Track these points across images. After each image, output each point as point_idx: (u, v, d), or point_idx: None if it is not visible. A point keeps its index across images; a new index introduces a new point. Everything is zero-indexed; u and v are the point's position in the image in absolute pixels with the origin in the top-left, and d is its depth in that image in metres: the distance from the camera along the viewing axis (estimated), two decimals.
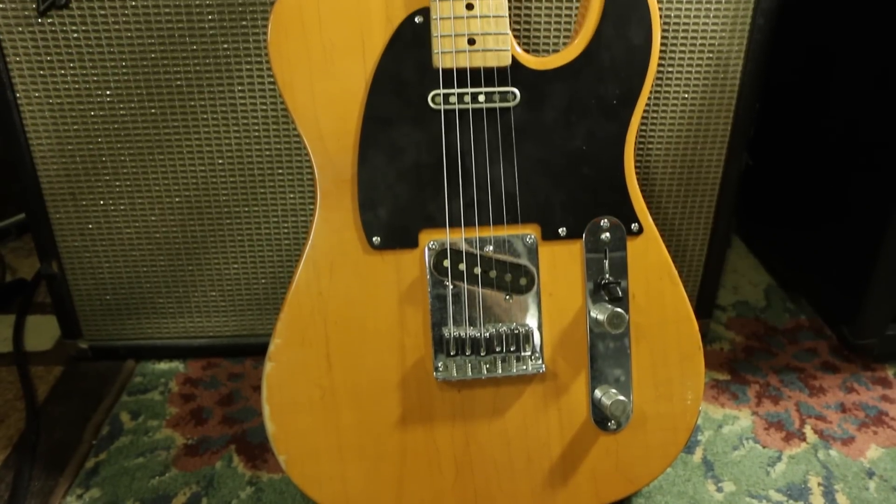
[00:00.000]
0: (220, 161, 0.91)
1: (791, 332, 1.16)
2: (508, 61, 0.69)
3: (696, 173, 0.96)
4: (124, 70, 0.86)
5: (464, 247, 0.72)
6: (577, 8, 0.85)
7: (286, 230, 0.95)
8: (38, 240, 0.96)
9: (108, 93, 0.87)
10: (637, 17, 0.71)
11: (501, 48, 0.69)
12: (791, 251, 1.23)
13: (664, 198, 0.97)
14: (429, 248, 0.72)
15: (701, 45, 0.88)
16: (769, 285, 1.27)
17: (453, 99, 0.69)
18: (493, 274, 0.73)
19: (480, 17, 0.68)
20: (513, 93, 0.70)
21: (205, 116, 0.88)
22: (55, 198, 0.93)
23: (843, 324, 1.09)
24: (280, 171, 0.92)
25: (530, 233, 0.73)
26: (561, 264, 0.74)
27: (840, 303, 1.10)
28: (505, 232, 0.72)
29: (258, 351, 1.02)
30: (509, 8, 0.81)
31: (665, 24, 0.87)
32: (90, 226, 0.94)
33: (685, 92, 0.91)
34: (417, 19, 0.69)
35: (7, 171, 0.91)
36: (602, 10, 0.71)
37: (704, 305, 1.07)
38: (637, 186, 0.74)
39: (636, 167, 0.93)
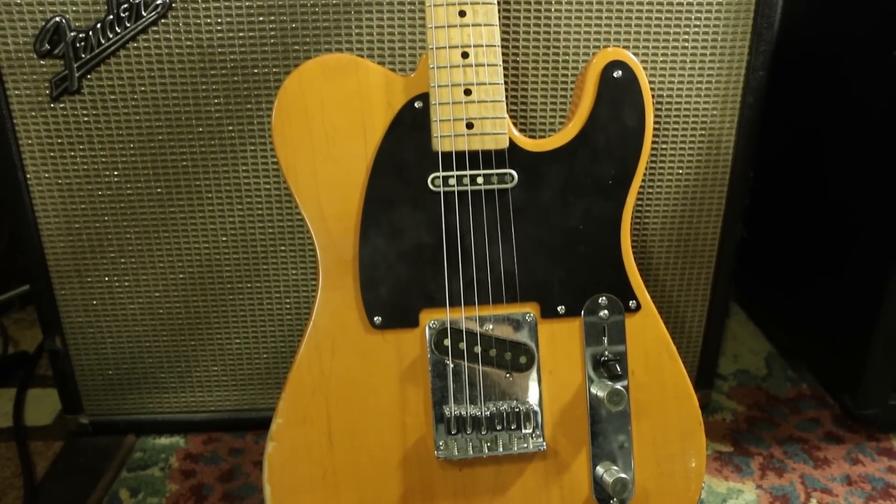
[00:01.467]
0: (224, 238, 0.93)
1: (793, 401, 1.15)
2: (506, 144, 0.71)
3: (692, 246, 0.97)
4: (132, 151, 0.88)
5: (464, 326, 0.73)
6: (571, 90, 0.88)
7: (288, 305, 0.96)
8: (43, 315, 0.97)
9: (115, 173, 0.89)
10: (630, 100, 0.74)
11: (499, 132, 0.71)
12: (790, 319, 1.24)
13: (662, 270, 0.98)
14: (429, 328, 0.72)
15: (693, 122, 0.91)
16: (770, 353, 1.27)
17: (452, 181, 0.71)
18: (493, 352, 0.73)
19: (478, 102, 0.71)
20: (510, 174, 0.72)
21: (209, 195, 0.90)
22: (61, 274, 0.94)
23: (846, 393, 1.09)
24: (283, 247, 0.93)
25: (529, 311, 0.74)
26: (560, 342, 0.74)
27: (841, 372, 1.10)
28: (504, 310, 0.73)
29: (259, 425, 1.02)
30: (506, 92, 0.84)
31: (658, 103, 0.89)
32: (94, 302, 0.95)
33: (679, 168, 0.93)
34: (417, 104, 0.71)
35: (13, 244, 0.93)
36: (596, 94, 0.73)
37: (705, 376, 1.07)
38: (634, 264, 0.75)
39: (633, 241, 0.94)
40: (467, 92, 0.70)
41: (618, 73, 0.73)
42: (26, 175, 0.89)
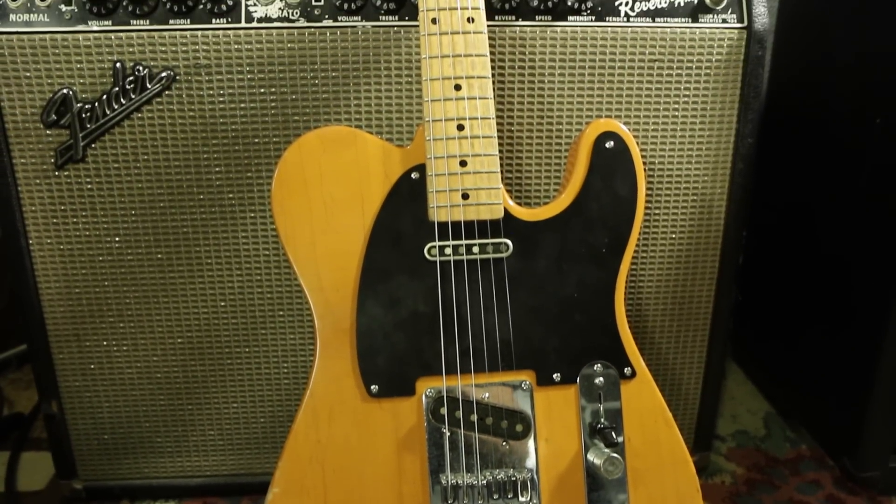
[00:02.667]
0: (223, 303, 0.93)
1: (793, 462, 1.15)
2: (501, 214, 0.73)
3: (687, 309, 0.98)
4: (134, 218, 0.90)
5: (460, 394, 0.73)
6: (565, 158, 0.90)
7: (286, 370, 0.97)
8: (40, 379, 0.97)
9: (117, 239, 0.91)
10: (623, 169, 0.75)
11: (494, 202, 0.73)
12: (787, 378, 1.24)
13: (657, 333, 0.99)
14: (426, 396, 0.73)
15: (685, 188, 0.92)
16: (768, 413, 1.27)
17: (448, 251, 0.72)
18: (489, 421, 0.73)
19: (474, 173, 0.72)
20: (505, 244, 0.73)
21: (209, 261, 0.92)
22: (59, 339, 0.94)
23: (845, 455, 1.08)
24: (281, 312, 0.94)
25: (525, 379, 0.74)
26: (556, 409, 0.75)
27: (839, 433, 1.09)
28: (501, 378, 0.74)
29: (256, 490, 1.02)
30: (501, 161, 0.86)
31: (650, 170, 0.91)
32: (92, 366, 0.96)
33: (672, 232, 0.94)
34: (414, 175, 0.73)
35: (11, 303, 0.93)
36: (589, 164, 0.75)
37: (703, 438, 1.06)
38: (628, 331, 0.76)
39: (628, 305, 0.96)
40: (463, 163, 0.72)
41: (610, 144, 0.75)
42: (28, 241, 0.90)
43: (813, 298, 1.14)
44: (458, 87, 0.72)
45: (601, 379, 0.75)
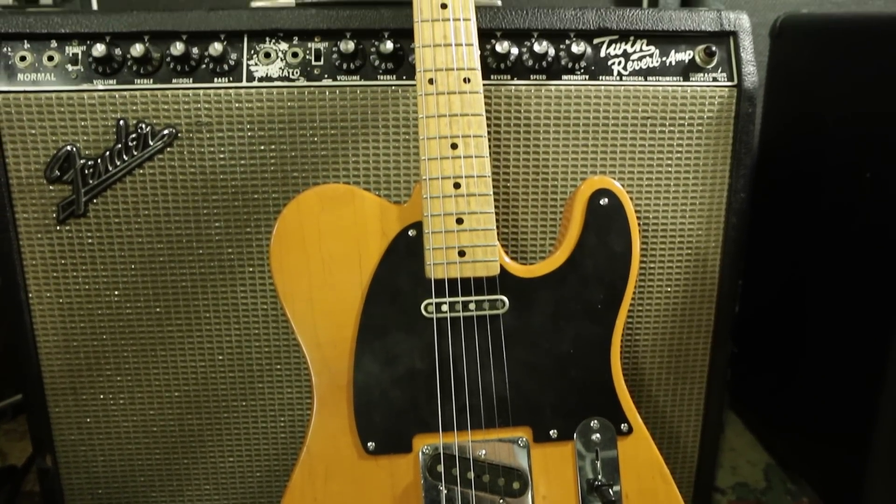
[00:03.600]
0: (220, 357, 0.93)
1: None
2: (497, 271, 0.74)
3: (683, 362, 0.98)
4: (133, 272, 0.90)
5: (457, 451, 0.73)
6: (561, 213, 0.91)
7: (283, 424, 0.96)
8: (35, 433, 0.96)
9: (116, 293, 0.91)
10: (617, 226, 0.76)
11: (490, 259, 0.73)
12: (787, 429, 1.23)
13: (654, 386, 0.99)
14: (423, 453, 0.73)
15: (680, 242, 0.93)
16: (768, 464, 1.26)
17: (445, 308, 0.73)
18: (486, 478, 0.73)
19: (470, 230, 0.73)
20: (502, 301, 0.74)
21: (207, 315, 0.92)
22: (56, 392, 0.94)
23: None
24: (278, 366, 0.94)
25: (522, 436, 0.74)
26: (553, 466, 0.75)
27: (840, 486, 1.09)
28: (497, 435, 0.74)
29: None
30: (497, 217, 0.87)
31: (645, 225, 0.92)
32: (88, 419, 0.95)
33: (668, 286, 0.95)
34: (411, 233, 0.74)
35: (7, 354, 0.94)
36: (584, 221, 0.76)
37: (702, 492, 1.06)
38: (625, 387, 0.76)
39: (625, 359, 0.96)
40: (459, 221, 0.73)
41: (604, 201, 0.76)
42: (28, 295, 0.91)
43: (810, 348, 1.14)
44: (454, 146, 0.73)
45: (598, 435, 0.75)
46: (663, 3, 1.25)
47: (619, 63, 0.89)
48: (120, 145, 0.87)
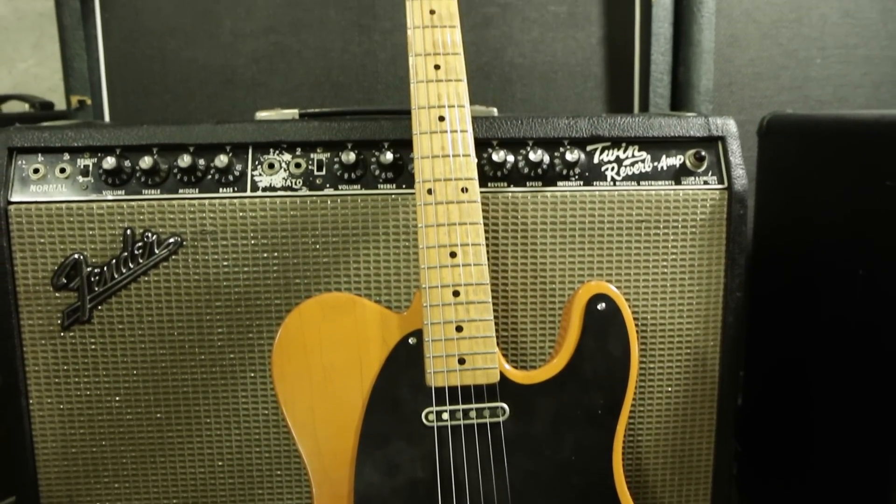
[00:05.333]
0: (220, 463, 0.93)
1: None
2: (497, 378, 0.74)
3: (687, 462, 0.97)
4: (135, 377, 0.91)
5: None
6: (559, 315, 0.92)
7: None
8: None
9: (117, 398, 0.91)
10: (615, 331, 0.78)
11: (490, 366, 0.74)
12: None
13: (658, 488, 0.97)
14: None
15: (678, 343, 0.94)
16: None
17: (446, 416, 0.73)
18: None
19: (469, 338, 0.74)
20: (502, 408, 0.74)
21: (208, 420, 0.92)
22: (51, 499, 0.93)
23: None
24: (279, 472, 0.93)
25: None
26: None
27: None
28: None
29: None
30: (496, 322, 0.88)
31: (643, 327, 0.93)
32: None
33: (668, 386, 0.95)
34: (411, 341, 0.75)
35: (4, 457, 0.93)
36: (582, 326, 0.77)
37: None
38: (627, 492, 0.75)
39: (628, 460, 0.95)
40: (459, 329, 0.74)
41: (601, 306, 0.78)
42: (29, 401, 0.91)
43: (815, 446, 1.13)
44: (453, 255, 0.75)
45: None
46: (654, 104, 1.30)
47: (613, 169, 0.92)
48: (126, 253, 0.89)
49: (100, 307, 0.90)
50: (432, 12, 0.80)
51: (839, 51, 1.35)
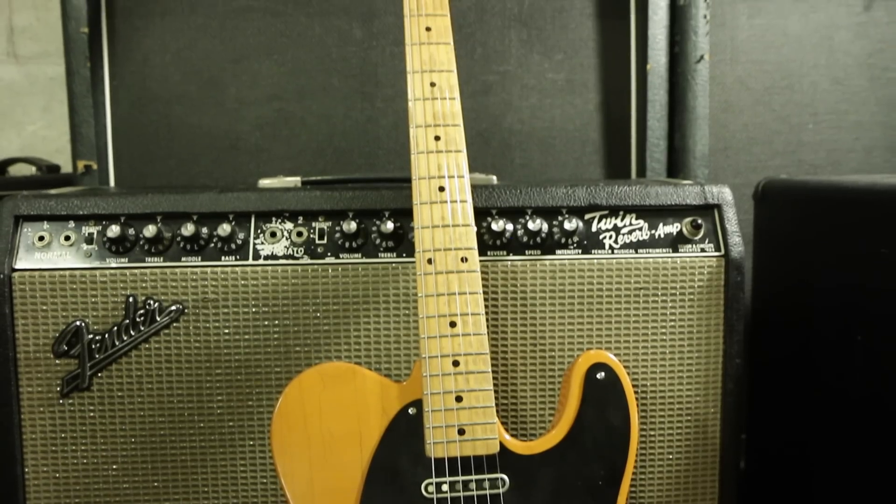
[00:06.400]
0: None
1: None
2: (497, 449, 0.74)
3: None
4: (133, 445, 0.90)
5: None
6: (559, 383, 0.92)
7: None
8: None
9: (114, 467, 0.91)
10: (614, 400, 0.78)
11: (490, 437, 0.74)
12: None
13: None
14: None
15: (679, 410, 0.94)
16: None
17: (445, 487, 0.73)
18: None
19: (469, 408, 0.74)
20: (502, 479, 0.74)
21: (206, 489, 0.91)
22: None
23: None
24: None
25: None
26: None
27: None
28: None
29: None
30: (496, 391, 0.88)
31: (643, 394, 0.93)
32: None
33: (669, 453, 0.94)
34: (411, 411, 0.75)
35: None
36: (581, 395, 0.77)
37: None
38: None
39: None
40: (458, 399, 0.74)
41: (601, 375, 0.78)
42: (24, 469, 0.90)
43: None
44: (453, 324, 0.75)
45: None
46: (651, 168, 1.32)
47: (611, 237, 0.93)
48: (128, 321, 0.89)
49: (100, 374, 0.90)
50: (433, 84, 0.82)
51: (830, 116, 1.37)
